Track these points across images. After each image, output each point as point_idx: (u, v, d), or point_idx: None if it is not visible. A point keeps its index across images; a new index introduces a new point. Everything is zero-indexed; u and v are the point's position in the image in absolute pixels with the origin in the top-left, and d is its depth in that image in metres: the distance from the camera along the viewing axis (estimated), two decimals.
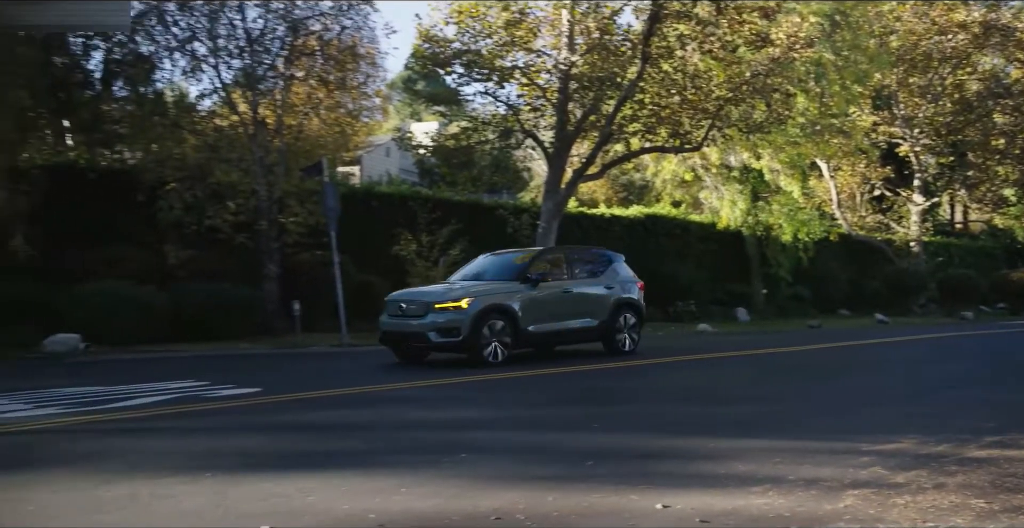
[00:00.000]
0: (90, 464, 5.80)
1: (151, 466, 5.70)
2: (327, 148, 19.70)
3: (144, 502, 4.81)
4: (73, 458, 6.08)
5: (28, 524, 4.40)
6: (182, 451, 6.30)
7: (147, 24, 16.95)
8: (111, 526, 4.34)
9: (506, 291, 12.22)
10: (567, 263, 13.56)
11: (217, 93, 17.99)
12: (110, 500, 4.84)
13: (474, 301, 11.66)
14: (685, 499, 4.75)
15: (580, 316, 12.95)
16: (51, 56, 17.48)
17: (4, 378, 10.57)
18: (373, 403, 8.91)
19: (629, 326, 13.56)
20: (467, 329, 11.44)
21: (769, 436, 6.82)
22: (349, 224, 17.19)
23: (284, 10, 17.44)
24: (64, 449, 6.48)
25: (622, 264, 14.13)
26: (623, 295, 13.59)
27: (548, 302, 12.54)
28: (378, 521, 4.37)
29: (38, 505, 4.74)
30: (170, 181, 16.37)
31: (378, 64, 20.11)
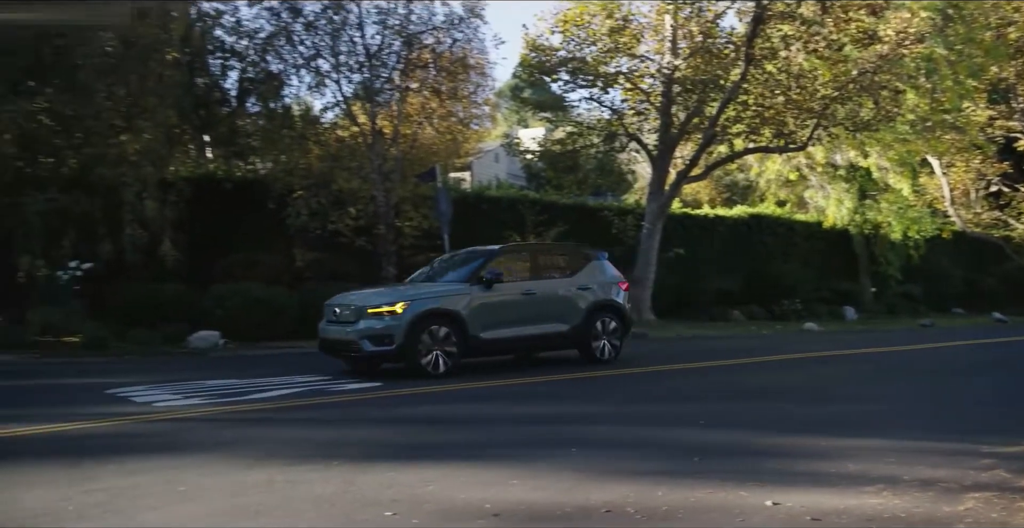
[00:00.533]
0: (231, 450, 6.11)
1: (285, 454, 5.95)
2: (440, 155, 20.05)
3: (280, 487, 5.03)
4: (217, 444, 6.41)
5: (181, 503, 4.67)
6: (312, 440, 6.55)
7: (276, 44, 17.69)
8: (253, 508, 4.56)
9: (452, 294, 10.63)
10: (533, 261, 11.85)
11: (339, 106, 18.59)
12: (251, 484, 5.09)
13: (411, 305, 10.13)
14: (795, 497, 4.62)
15: (546, 320, 11.19)
16: (194, 78, 18.46)
17: (155, 371, 11.23)
18: (483, 398, 9.04)
19: (609, 331, 11.65)
20: (402, 336, 9.91)
21: (880, 435, 6.55)
22: (461, 227, 17.42)
23: (400, 26, 17.87)
24: (208, 436, 6.84)
25: (603, 263, 12.29)
26: (601, 297, 11.75)
27: (505, 305, 10.86)
28: (493, 511, 4.43)
29: (189, 486, 5.03)
30: (297, 189, 17.01)
31: (487, 74, 20.34)
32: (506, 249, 12.15)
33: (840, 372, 11.69)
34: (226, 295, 15.22)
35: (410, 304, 10.14)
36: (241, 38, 18.63)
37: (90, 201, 14.46)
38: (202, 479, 5.21)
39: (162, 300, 15.13)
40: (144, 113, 15.48)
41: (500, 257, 11.43)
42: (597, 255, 12.41)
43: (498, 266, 11.09)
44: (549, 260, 12.21)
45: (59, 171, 14.75)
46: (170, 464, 5.62)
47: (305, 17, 17.44)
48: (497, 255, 11.41)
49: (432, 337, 10.10)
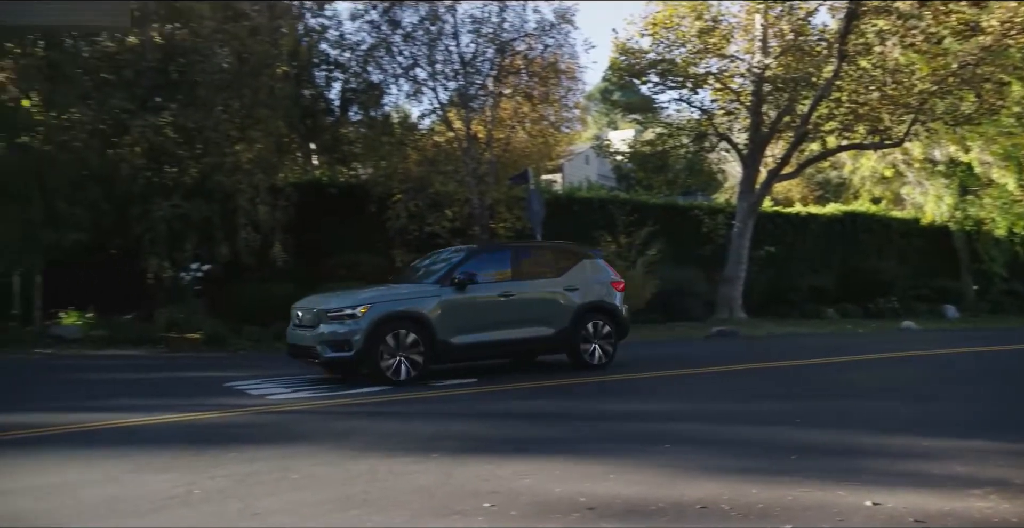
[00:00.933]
0: (338, 441, 6.29)
1: (387, 445, 6.09)
2: (532, 158, 20.10)
3: (383, 477, 5.15)
4: (324, 436, 6.61)
5: (294, 491, 4.84)
6: (412, 433, 6.68)
7: (377, 55, 18.11)
8: (359, 496, 4.68)
9: (419, 296, 9.81)
10: (514, 261, 10.73)
11: (435, 113, 18.88)
12: (356, 474, 5.24)
13: (372, 308, 9.32)
14: (896, 498, 4.44)
15: (528, 324, 10.30)
16: (301, 90, 19.11)
17: (268, 366, 11.65)
18: (576, 394, 9.02)
19: (600, 335, 10.73)
20: (361, 342, 9.12)
21: (986, 437, 6.22)
22: (553, 227, 17.42)
23: (493, 34, 18.01)
24: (317, 427, 7.07)
25: (596, 261, 11.34)
26: (591, 298, 10.80)
27: (480, 308, 10.04)
28: (588, 505, 4.43)
29: (301, 474, 5.22)
30: (396, 193, 17.37)
31: (578, 78, 20.24)
32: (485, 248, 11.31)
33: (941, 371, 11.13)
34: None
35: (371, 307, 9.30)
36: (344, 51, 19.16)
37: (209, 207, 15.14)
38: (312, 468, 5.38)
39: (273, 299, 15.65)
40: (256, 124, 16.14)
41: (479, 256, 10.54)
42: (589, 253, 11.51)
43: (477, 266, 10.22)
44: (533, 260, 11.09)
45: (182, 180, 15.51)
46: (283, 453, 5.83)
47: (403, 29, 17.80)
48: (475, 254, 10.57)
49: (395, 342, 9.27)
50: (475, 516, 4.30)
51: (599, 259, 11.46)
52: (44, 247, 14.20)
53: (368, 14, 17.91)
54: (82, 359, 12.44)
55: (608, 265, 11.54)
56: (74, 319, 14.45)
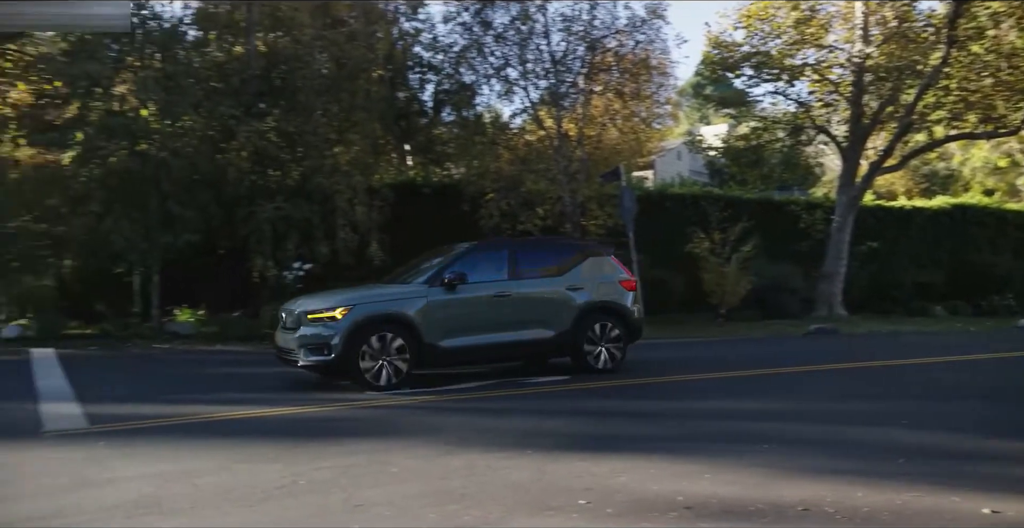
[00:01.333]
0: (434, 436, 6.40)
1: (482, 441, 6.15)
2: (623, 155, 19.90)
3: (479, 472, 5.21)
4: (421, 430, 6.74)
5: (394, 483, 4.96)
6: (506, 429, 6.73)
7: (469, 56, 18.31)
8: (457, 491, 4.75)
9: (404, 297, 9.24)
10: (512, 259, 9.94)
11: (527, 112, 18.95)
12: (452, 469, 5.31)
13: (352, 310, 8.80)
14: (1017, 505, 4.19)
15: (525, 326, 9.62)
16: (396, 92, 19.52)
17: None
18: (669, 393, 8.90)
19: (607, 337, 9.96)
20: (340, 345, 8.61)
21: None
22: (644, 224, 17.24)
23: (583, 31, 17.94)
24: (413, 422, 7.21)
25: (604, 259, 10.51)
26: (596, 298, 10.04)
27: (471, 309, 9.41)
28: (685, 504, 4.36)
29: (400, 468, 5.34)
30: (489, 192, 17.52)
31: (669, 73, 19.94)
32: (481, 245, 10.67)
33: None
34: None
35: (351, 309, 8.79)
36: (437, 53, 19.47)
37: (309, 208, 15.63)
38: (410, 462, 5.49)
39: None
40: (354, 127, 16.58)
41: (473, 254, 9.91)
42: (598, 250, 10.72)
43: (470, 264, 9.62)
44: (534, 257, 10.31)
45: (284, 182, 16.07)
46: (381, 447, 5.97)
47: (495, 29, 17.93)
48: (468, 252, 9.92)
49: (378, 345, 8.74)
50: (570, 513, 4.30)
51: (609, 256, 10.60)
52: (161, 248, 14.98)
53: (460, 16, 18.14)
54: (195, 354, 13.07)
55: (619, 262, 10.69)
56: (187, 316, 15.22)
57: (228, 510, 4.41)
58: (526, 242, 11.21)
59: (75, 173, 15.00)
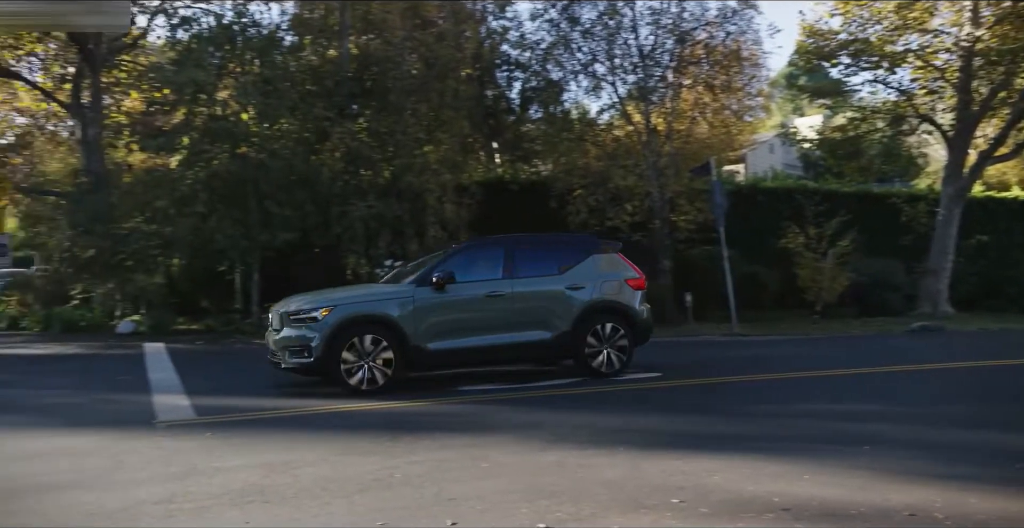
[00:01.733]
0: (525, 432, 6.42)
1: (573, 437, 6.14)
2: (714, 149, 19.53)
3: (571, 469, 5.20)
4: (512, 426, 6.78)
5: (486, 479, 5.00)
6: (597, 426, 6.69)
7: (556, 53, 18.30)
8: (549, 487, 4.76)
9: (390, 297, 8.89)
10: (508, 257, 9.41)
11: (614, 107, 18.80)
12: (544, 465, 5.32)
13: (333, 311, 8.47)
14: None
15: (521, 327, 9.13)
16: (484, 90, 19.69)
17: None
18: (765, 390, 8.67)
19: (610, 339, 9.39)
20: (321, 348, 8.32)
21: None
22: (736, 219, 16.88)
23: (672, 24, 17.67)
24: (504, 418, 7.25)
25: (610, 256, 9.88)
26: (598, 297, 9.45)
27: (462, 310, 9.03)
28: (782, 505, 4.24)
29: (492, 463, 5.38)
30: (576, 188, 17.48)
31: (761, 64, 19.41)
32: (475, 243, 10.29)
33: None
34: None
35: (332, 309, 8.49)
36: (524, 50, 19.54)
37: (400, 206, 15.95)
38: (502, 457, 5.53)
39: None
40: (443, 126, 16.81)
41: (465, 253, 9.56)
42: (604, 247, 10.07)
43: (462, 263, 9.26)
44: (533, 255, 9.72)
45: (376, 181, 16.44)
46: (473, 442, 6.03)
47: (582, 25, 17.86)
48: (460, 251, 9.59)
49: (360, 348, 8.41)
50: (663, 511, 4.24)
51: (614, 253, 9.99)
52: (260, 246, 15.55)
53: (547, 13, 18.17)
54: None
55: (626, 260, 10.03)
56: None
57: (328, 500, 4.54)
58: (524, 239, 10.70)
59: (181, 176, 15.73)
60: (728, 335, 15.27)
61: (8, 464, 5.57)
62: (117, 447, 6.05)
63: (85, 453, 5.87)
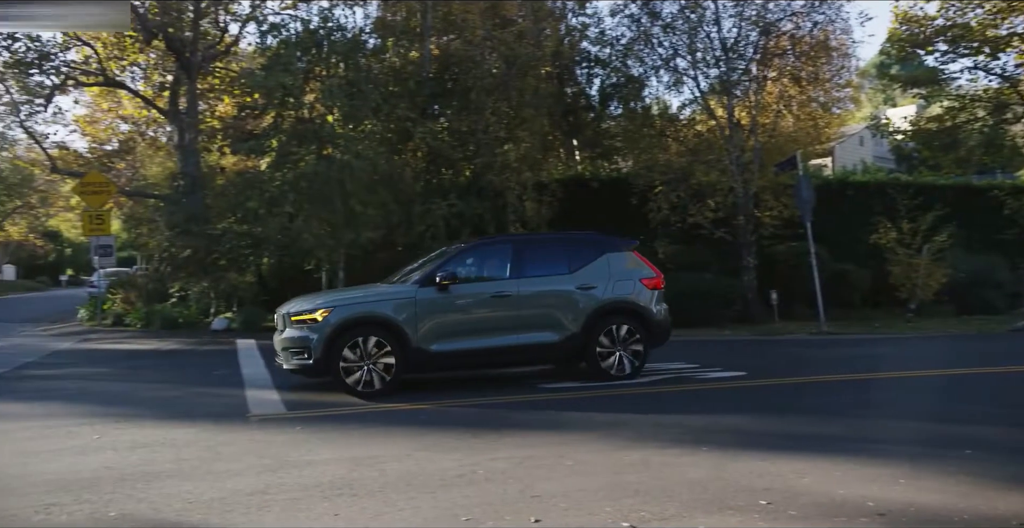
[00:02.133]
0: (609, 431, 6.40)
1: (657, 436, 6.08)
2: (800, 142, 18.92)
3: (655, 468, 5.15)
4: (594, 424, 6.75)
5: (569, 476, 5.00)
6: (681, 425, 6.61)
7: (636, 49, 18.11)
8: (632, 486, 4.72)
9: (390, 298, 8.70)
10: (515, 257, 9.12)
11: (696, 102, 18.47)
12: (627, 463, 5.29)
13: (333, 312, 8.35)
14: None
15: (528, 328, 8.82)
16: (563, 88, 19.64)
17: None
18: (856, 390, 8.39)
19: (624, 341, 9.05)
20: (320, 349, 8.21)
21: None
22: (823, 215, 16.35)
23: (756, 16, 17.24)
24: (588, 416, 7.24)
25: (622, 255, 9.50)
26: (610, 297, 9.10)
27: (466, 311, 8.80)
28: (877, 509, 4.10)
29: (575, 461, 5.38)
30: (657, 184, 17.26)
31: (850, 54, 18.67)
32: (482, 242, 10.02)
33: None
34: None
35: (332, 311, 8.36)
36: (604, 47, 19.39)
37: (480, 204, 16.06)
38: (584, 455, 5.52)
39: None
40: (523, 124, 16.85)
41: (471, 252, 9.36)
42: (618, 245, 9.68)
43: (467, 263, 9.13)
44: (542, 254, 9.42)
45: (457, 180, 16.62)
46: (556, 440, 6.04)
47: (663, 19, 17.61)
48: (466, 250, 9.36)
49: (360, 349, 8.26)
50: (750, 512, 4.16)
51: (629, 252, 9.62)
52: (345, 245, 15.92)
53: (627, 8, 17.99)
54: None
55: (642, 259, 9.71)
56: None
57: (413, 495, 4.62)
58: (533, 238, 10.38)
59: (271, 177, 16.24)
60: (816, 334, 14.81)
61: (117, 453, 5.87)
62: (214, 439, 6.31)
63: (184, 444, 6.14)
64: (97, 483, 4.98)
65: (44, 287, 55.47)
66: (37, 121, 24.69)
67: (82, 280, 43.34)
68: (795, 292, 16.65)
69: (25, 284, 54.92)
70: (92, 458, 5.71)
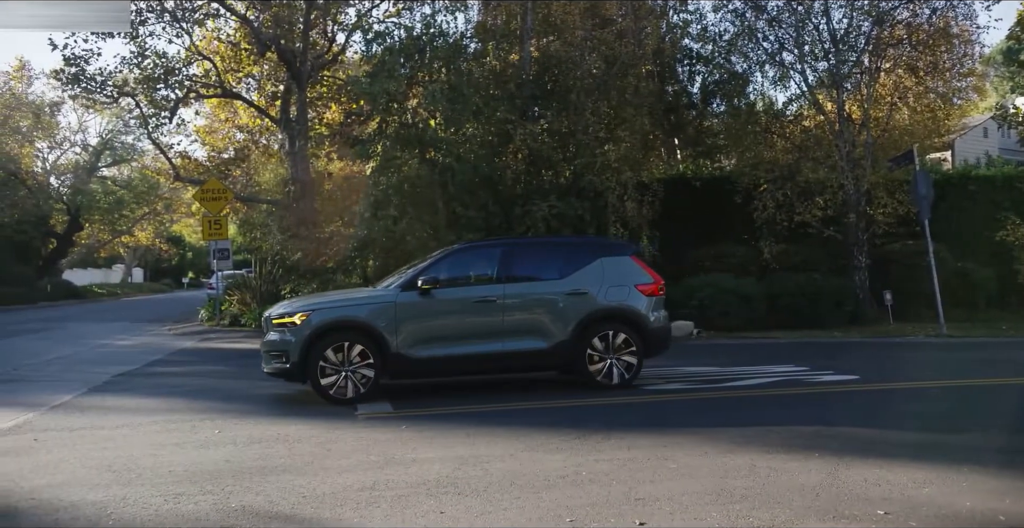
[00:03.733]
0: (713, 433, 6.26)
1: (763, 441, 5.91)
2: (916, 136, 18.00)
3: (763, 473, 5.00)
4: (699, 426, 6.63)
5: (673, 479, 4.92)
6: (790, 430, 6.39)
7: (740, 44, 17.66)
8: (739, 490, 4.61)
9: (370, 302, 8.45)
10: (504, 261, 8.80)
11: (804, 96, 17.85)
12: (733, 467, 5.16)
13: (312, 315, 8.17)
14: None
15: (515, 335, 8.48)
16: (664, 86, 19.37)
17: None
18: (984, 396, 7.93)
19: (616, 348, 8.66)
20: (297, 353, 8.02)
21: None
22: (943, 211, 15.54)
23: (869, 5, 16.52)
24: (691, 419, 7.11)
25: (618, 259, 9.06)
26: (603, 304, 8.70)
27: (449, 316, 8.47)
28: (1009, 524, 3.85)
29: (679, 464, 5.29)
30: (763, 183, 16.78)
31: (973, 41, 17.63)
32: (469, 246, 9.63)
33: None
34: (697, 287, 15.66)
35: (310, 314, 8.19)
36: (707, 43, 19.00)
37: (581, 205, 16.00)
38: (689, 459, 5.42)
39: None
40: (623, 124, 16.70)
41: (457, 256, 9.04)
42: (614, 249, 9.38)
43: (453, 267, 8.80)
44: (532, 259, 9.14)
45: (557, 181, 16.62)
46: (659, 442, 5.96)
47: (768, 13, 17.12)
48: (452, 253, 9.05)
49: (339, 355, 8.04)
50: (867, 522, 3.99)
51: (626, 256, 9.16)
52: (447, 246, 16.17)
53: (731, 3, 17.59)
54: None
55: (640, 263, 9.24)
56: None
57: (517, 494, 4.65)
58: (523, 241, 9.91)
59: (375, 181, 16.67)
60: (935, 336, 14.05)
61: (235, 447, 6.17)
62: (324, 436, 6.53)
63: (297, 440, 6.39)
64: (218, 475, 5.25)
65: (168, 289, 59.04)
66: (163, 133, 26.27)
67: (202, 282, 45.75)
68: (911, 293, 15.87)
69: (151, 286, 58.62)
70: (213, 452, 6.02)
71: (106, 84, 21.54)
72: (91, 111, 35.70)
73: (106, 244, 49.42)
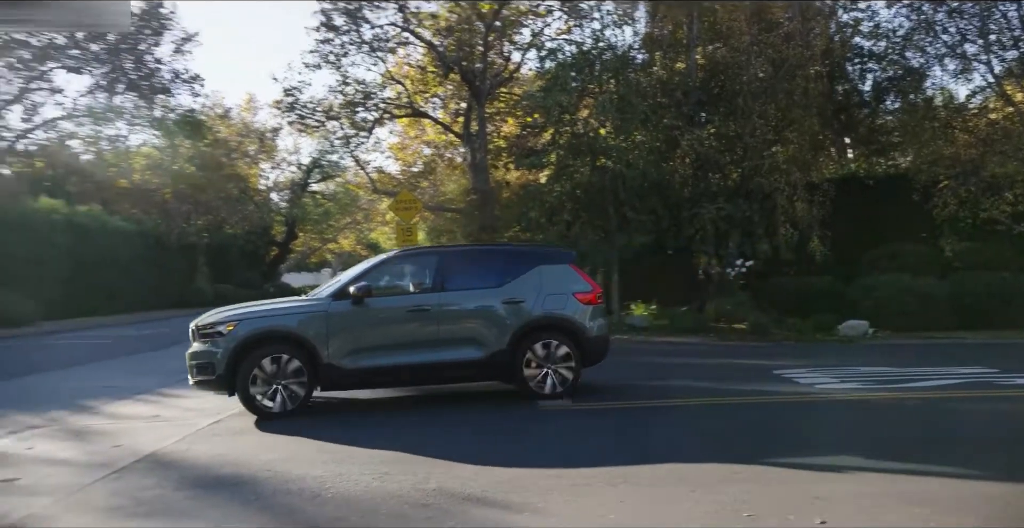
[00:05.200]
0: (892, 434, 5.85)
1: (949, 443, 5.48)
2: None
3: (949, 478, 4.67)
4: (876, 428, 6.21)
5: (849, 479, 4.67)
6: (978, 435, 5.91)
7: (916, 38, 16.36)
8: (923, 495, 4.32)
9: (301, 311, 7.75)
10: (439, 269, 8.10)
11: (989, 88, 16.24)
12: (917, 471, 4.83)
13: (239, 325, 7.47)
14: None
15: (449, 344, 7.80)
16: (834, 86, 18.29)
17: (810, 356, 11.38)
18: None
19: (554, 358, 7.93)
20: (224, 364, 7.33)
21: None
22: None
23: None
24: (865, 419, 6.68)
25: (557, 267, 8.31)
26: (540, 313, 7.99)
27: (381, 326, 7.76)
28: None
29: (857, 465, 5.00)
30: (942, 179, 15.45)
31: None
32: (405, 254, 8.81)
33: None
34: (873, 286, 14.69)
35: (238, 325, 7.51)
36: (879, 40, 17.74)
37: (749, 207, 15.47)
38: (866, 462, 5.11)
39: (812, 292, 15.42)
40: (791, 125, 15.97)
41: (393, 263, 8.38)
42: (551, 258, 8.56)
43: (386, 275, 8.25)
44: (468, 267, 8.41)
45: (724, 184, 16.15)
46: (836, 444, 5.68)
47: (948, 4, 15.72)
48: (387, 262, 8.34)
49: (270, 366, 7.39)
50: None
51: (565, 264, 8.48)
52: (618, 250, 16.17)
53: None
54: (649, 345, 13.83)
55: (579, 271, 8.57)
56: (641, 310, 16.17)
57: (692, 488, 4.61)
58: (460, 250, 9.49)
59: (550, 189, 16.94)
60: None
61: (434, 431, 6.50)
62: (509, 425, 6.76)
63: (482, 427, 6.65)
64: (416, 460, 5.55)
65: None
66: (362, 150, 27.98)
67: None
68: None
69: None
70: (407, 438, 6.39)
71: (316, 110, 23.34)
72: (303, 134, 38.76)
73: (316, 250, 53.74)
